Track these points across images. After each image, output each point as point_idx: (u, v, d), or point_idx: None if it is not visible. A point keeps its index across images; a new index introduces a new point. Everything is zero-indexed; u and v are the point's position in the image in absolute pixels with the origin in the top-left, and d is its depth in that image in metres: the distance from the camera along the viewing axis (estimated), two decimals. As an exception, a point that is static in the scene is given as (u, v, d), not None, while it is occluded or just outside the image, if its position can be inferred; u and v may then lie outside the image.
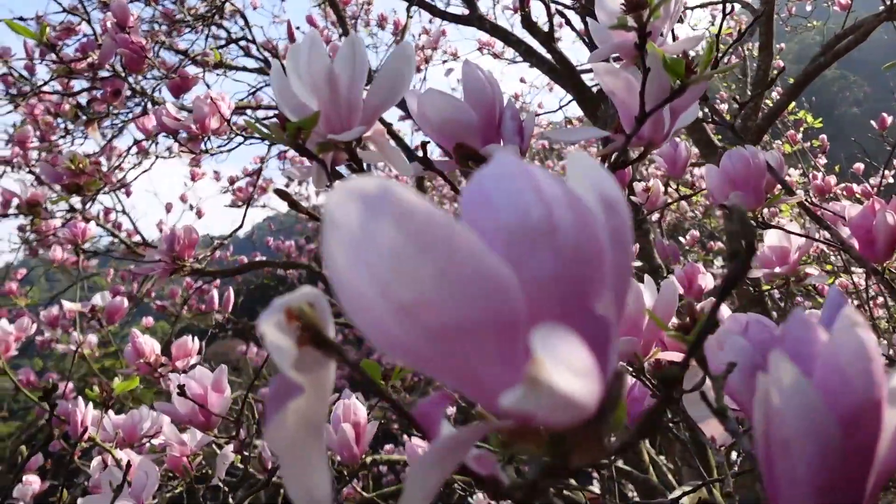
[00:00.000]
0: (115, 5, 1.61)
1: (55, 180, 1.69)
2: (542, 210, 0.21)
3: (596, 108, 3.27)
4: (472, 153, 0.64)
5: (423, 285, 0.19)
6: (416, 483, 0.23)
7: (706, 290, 1.53)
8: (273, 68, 0.46)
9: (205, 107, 1.45)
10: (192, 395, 0.96)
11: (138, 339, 1.69)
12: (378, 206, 0.19)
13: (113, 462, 1.31)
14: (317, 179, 0.50)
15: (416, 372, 2.04)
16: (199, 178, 4.76)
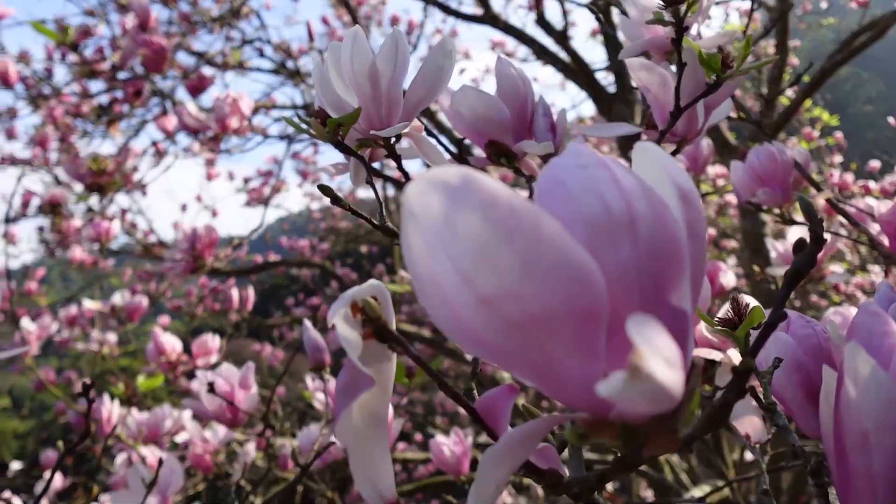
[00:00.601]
0: (136, 5, 1.62)
1: (78, 180, 1.70)
2: (621, 201, 0.21)
3: (610, 106, 3.25)
4: (504, 150, 0.64)
5: (507, 276, 0.19)
6: (488, 474, 0.23)
7: (728, 288, 1.52)
8: (314, 65, 0.46)
9: (226, 107, 1.46)
10: (220, 392, 0.96)
11: (160, 337, 1.71)
12: (461, 195, 0.19)
13: (138, 459, 1.32)
14: (355, 176, 0.51)
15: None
16: (215, 178, 4.78)
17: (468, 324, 0.21)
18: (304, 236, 8.03)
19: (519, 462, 0.24)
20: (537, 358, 0.21)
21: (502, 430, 0.26)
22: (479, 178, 0.19)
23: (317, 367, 0.87)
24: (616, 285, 0.20)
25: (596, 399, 0.22)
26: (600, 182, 0.21)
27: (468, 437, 1.07)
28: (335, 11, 5.57)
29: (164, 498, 1.21)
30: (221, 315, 6.07)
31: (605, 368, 0.21)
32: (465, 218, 0.19)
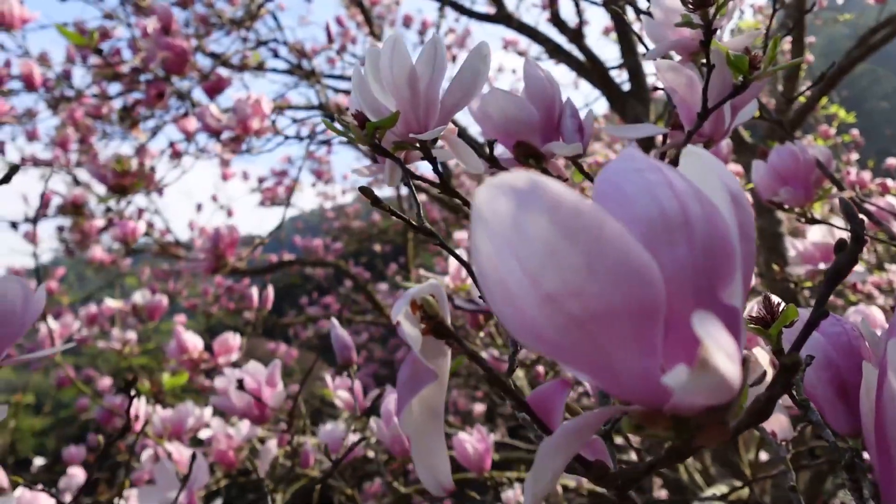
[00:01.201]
0: (159, 9, 1.65)
1: (101, 182, 1.73)
2: (676, 204, 0.22)
3: (624, 104, 3.25)
4: (532, 151, 0.65)
5: (572, 274, 0.20)
6: (546, 464, 0.24)
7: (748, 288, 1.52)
8: (354, 71, 0.47)
9: (247, 108, 1.48)
10: (248, 390, 0.98)
11: (183, 335, 1.73)
12: (529, 199, 0.20)
13: (164, 454, 1.35)
14: (390, 177, 0.52)
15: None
16: (230, 178, 4.83)
17: (531, 321, 0.22)
18: (317, 235, 8.08)
19: (574, 452, 0.25)
20: (596, 353, 0.22)
21: (555, 422, 0.27)
22: (545, 183, 0.21)
23: (345, 364, 0.89)
24: (672, 283, 0.22)
25: (652, 392, 0.23)
26: (655, 185, 0.22)
27: (492, 435, 1.09)
28: (348, 12, 5.59)
29: (191, 493, 1.23)
30: (236, 314, 6.14)
31: (662, 363, 0.22)
32: (533, 220, 0.20)
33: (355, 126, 0.48)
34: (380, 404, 1.65)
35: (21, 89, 2.41)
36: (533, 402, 0.28)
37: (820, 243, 1.30)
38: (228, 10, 2.87)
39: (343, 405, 1.42)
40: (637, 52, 3.22)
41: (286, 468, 1.74)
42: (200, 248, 1.63)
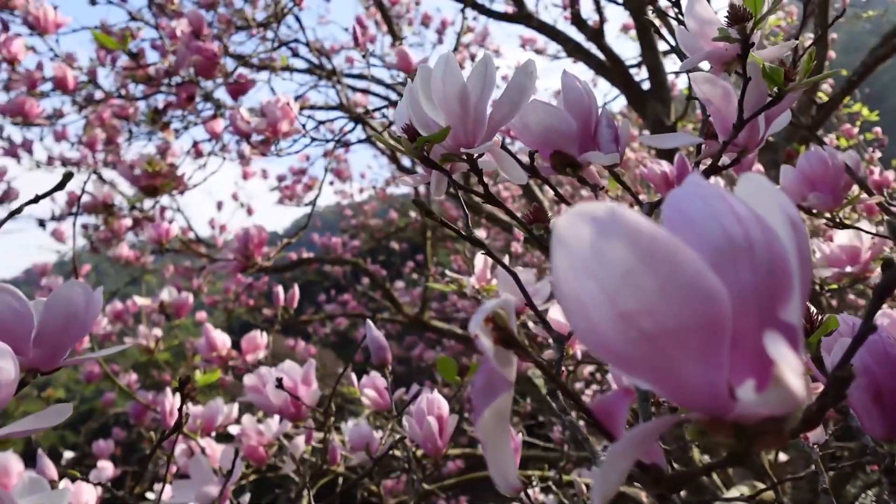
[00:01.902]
0: (190, 14, 1.68)
1: (132, 182, 1.77)
2: (739, 229, 0.24)
3: (645, 104, 3.25)
4: (569, 160, 0.67)
5: (648, 295, 0.22)
6: (614, 466, 0.26)
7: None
8: (407, 87, 0.49)
9: (277, 111, 1.51)
10: (286, 388, 1.01)
11: (211, 333, 1.77)
12: (608, 227, 0.22)
13: (198, 449, 1.38)
14: (437, 187, 0.54)
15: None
16: (251, 176, 4.88)
17: (605, 335, 0.24)
18: (334, 233, 8.13)
19: (639, 455, 0.27)
20: (664, 366, 0.24)
21: (619, 428, 0.29)
22: (623, 212, 0.23)
23: (381, 364, 0.91)
24: (738, 303, 0.23)
25: (717, 402, 0.25)
26: (720, 212, 0.24)
27: (518, 435, 1.10)
28: (367, 12, 5.63)
29: (226, 487, 1.26)
30: (255, 311, 6.20)
31: (728, 377, 0.24)
32: (613, 246, 0.22)
33: (405, 139, 0.50)
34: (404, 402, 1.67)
35: (51, 91, 2.46)
36: (597, 409, 0.30)
37: (847, 246, 1.30)
38: (252, 12, 2.91)
39: (370, 403, 1.45)
40: (657, 50, 3.21)
41: (312, 464, 1.78)
42: (229, 247, 1.66)
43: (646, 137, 0.65)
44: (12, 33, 1.94)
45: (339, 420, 2.38)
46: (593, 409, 0.30)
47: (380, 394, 1.41)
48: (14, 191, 3.80)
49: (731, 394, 0.24)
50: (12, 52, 1.90)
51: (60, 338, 0.60)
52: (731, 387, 0.24)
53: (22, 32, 2.18)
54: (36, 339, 0.59)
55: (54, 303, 0.59)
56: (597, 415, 0.30)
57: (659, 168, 1.37)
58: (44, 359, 0.60)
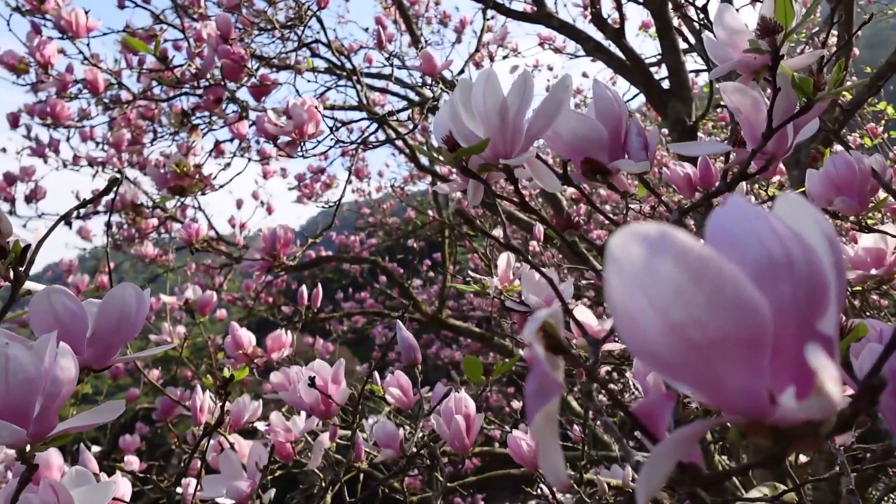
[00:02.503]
0: (219, 19, 1.72)
1: (161, 183, 1.81)
2: (780, 247, 0.26)
3: (666, 104, 3.24)
4: (600, 167, 0.69)
5: (696, 309, 0.24)
6: (658, 466, 0.28)
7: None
8: (448, 100, 0.51)
9: (303, 114, 1.54)
10: (318, 386, 1.04)
11: (238, 331, 1.81)
12: (659, 246, 0.24)
13: (227, 445, 1.42)
14: (474, 195, 0.56)
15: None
16: (271, 176, 4.94)
17: (654, 345, 0.26)
18: (352, 231, 8.18)
19: (681, 456, 0.29)
20: (709, 373, 0.26)
21: (661, 430, 0.31)
22: (672, 232, 0.25)
23: (410, 364, 0.94)
24: (778, 315, 0.25)
25: (758, 407, 0.27)
26: (762, 231, 0.26)
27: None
28: (385, 11, 5.65)
29: (253, 482, 1.30)
30: (275, 308, 6.25)
31: (769, 384, 0.26)
32: (664, 264, 0.24)
33: (445, 149, 0.52)
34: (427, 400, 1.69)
35: (79, 93, 2.52)
36: (640, 412, 0.32)
37: (872, 249, 1.30)
38: (274, 13, 2.95)
39: (394, 401, 1.47)
40: (679, 49, 3.21)
41: (337, 461, 1.81)
42: (256, 247, 1.69)
43: (676, 146, 0.66)
44: (45, 37, 1.99)
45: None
46: (636, 412, 0.32)
47: (404, 392, 1.44)
48: (41, 189, 3.89)
49: (771, 399, 0.26)
50: (46, 55, 1.95)
51: (113, 337, 0.63)
52: (771, 393, 0.26)
53: (52, 36, 2.24)
54: (90, 339, 0.62)
55: (108, 304, 0.62)
56: (639, 417, 0.32)
57: (682, 170, 1.38)
58: (97, 357, 0.63)
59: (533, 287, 1.24)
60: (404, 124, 3.78)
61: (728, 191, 0.74)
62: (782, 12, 0.57)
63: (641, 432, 0.32)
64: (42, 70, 2.02)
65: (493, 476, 2.45)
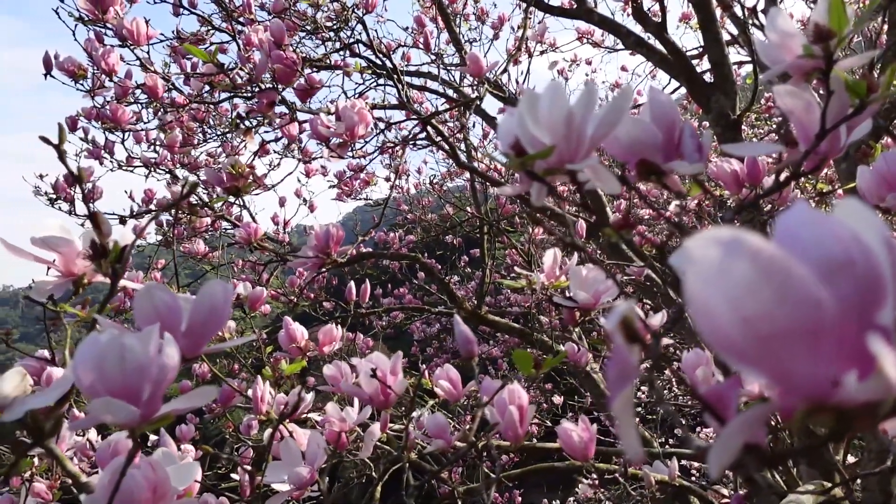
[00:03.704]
0: (273, 25, 1.79)
1: (217, 184, 1.89)
2: (841, 248, 0.29)
3: (709, 98, 3.21)
4: (654, 168, 0.72)
5: (766, 304, 0.28)
6: (725, 446, 0.32)
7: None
8: (516, 111, 0.55)
9: (354, 115, 1.59)
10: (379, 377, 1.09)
11: (291, 325, 1.88)
12: (733, 248, 0.28)
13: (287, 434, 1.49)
14: (538, 196, 0.60)
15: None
16: (313, 174, 5.04)
17: (728, 336, 0.30)
18: (390, 227, 8.27)
19: (748, 436, 0.33)
20: (777, 360, 0.30)
21: (730, 412, 0.35)
22: (745, 236, 0.28)
23: (468, 357, 0.98)
24: (840, 310, 0.29)
25: (821, 390, 0.30)
26: (824, 235, 0.30)
27: (593, 425, 1.16)
28: (422, 9, 5.70)
29: (312, 469, 1.36)
30: (317, 304, 6.37)
31: (832, 369, 0.29)
32: (738, 264, 0.28)
33: (513, 155, 0.56)
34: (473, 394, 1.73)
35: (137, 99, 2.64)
36: (709, 395, 0.35)
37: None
38: (320, 16, 3.02)
39: (443, 394, 1.52)
40: (722, 42, 3.17)
41: (388, 452, 1.87)
42: (308, 245, 1.76)
43: (729, 146, 0.69)
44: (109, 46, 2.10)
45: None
46: (705, 396, 0.36)
47: (454, 385, 1.48)
48: (98, 189, 4.06)
49: (834, 383, 0.29)
50: (110, 63, 2.06)
51: (204, 329, 0.69)
52: (834, 377, 0.29)
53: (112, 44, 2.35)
54: (185, 331, 0.68)
55: (201, 299, 0.68)
56: (708, 401, 0.36)
57: (729, 166, 1.39)
58: (189, 348, 0.69)
59: (581, 283, 1.27)
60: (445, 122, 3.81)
61: (779, 190, 0.77)
62: (836, 19, 0.59)
63: (710, 415, 0.36)
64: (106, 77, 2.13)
65: (539, 468, 2.48)
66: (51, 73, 2.45)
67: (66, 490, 2.02)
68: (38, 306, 0.92)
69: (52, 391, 0.65)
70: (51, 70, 2.43)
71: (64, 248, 0.89)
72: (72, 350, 0.92)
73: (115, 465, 0.67)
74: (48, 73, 2.45)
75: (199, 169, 4.34)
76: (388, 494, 2.07)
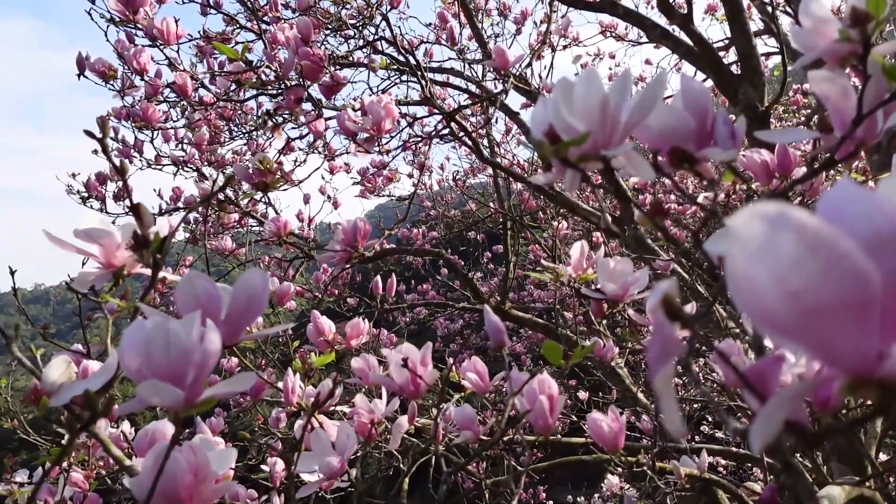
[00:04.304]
0: (300, 23, 1.81)
1: (246, 180, 1.92)
2: (888, 222, 0.29)
3: (735, 88, 3.17)
4: (687, 156, 0.72)
5: (812, 277, 0.28)
6: (771, 418, 0.33)
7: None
8: (550, 98, 0.56)
9: (381, 111, 1.61)
10: (410, 367, 1.11)
11: (319, 319, 1.90)
12: (779, 222, 0.28)
13: (317, 425, 1.51)
14: (570, 183, 0.61)
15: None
16: (337, 171, 5.08)
17: (772, 311, 0.30)
18: (413, 223, 8.30)
19: (790, 412, 0.33)
20: (822, 335, 0.30)
21: (771, 389, 0.35)
22: (791, 210, 0.28)
23: (498, 347, 0.99)
24: (886, 283, 0.29)
25: (866, 364, 0.30)
26: (869, 211, 0.30)
27: (622, 415, 1.16)
28: (445, 5, 5.69)
29: (342, 459, 1.38)
30: (341, 300, 6.42)
31: (877, 343, 0.29)
32: (783, 238, 0.28)
33: (547, 142, 0.57)
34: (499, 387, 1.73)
35: (166, 98, 2.68)
36: (750, 374, 0.36)
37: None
38: (344, 13, 3.05)
39: (471, 386, 1.53)
40: (750, 34, 3.12)
41: (415, 444, 1.88)
42: (336, 239, 1.78)
43: (762, 133, 0.68)
44: (140, 46, 2.14)
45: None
46: (747, 374, 0.36)
47: (481, 377, 1.49)
48: (129, 187, 4.14)
49: (879, 356, 0.30)
50: (142, 63, 2.10)
51: (243, 317, 0.71)
52: (879, 351, 0.29)
53: (141, 44, 2.40)
54: (225, 318, 0.70)
55: (240, 287, 0.69)
56: (750, 378, 0.36)
57: (759, 157, 1.38)
58: (229, 335, 0.71)
59: (609, 275, 1.27)
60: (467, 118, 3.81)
61: (813, 178, 0.76)
62: (873, 3, 0.58)
63: (751, 393, 0.36)
64: (137, 76, 2.17)
65: (566, 462, 2.48)
66: (84, 74, 2.50)
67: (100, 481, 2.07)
68: (69, 305, 0.94)
69: (97, 377, 0.67)
70: (84, 70, 2.49)
71: (105, 240, 0.91)
72: (114, 340, 0.94)
73: (159, 449, 0.69)
74: (81, 74, 2.50)
75: (226, 166, 4.41)
76: (413, 488, 2.09)
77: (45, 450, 2.37)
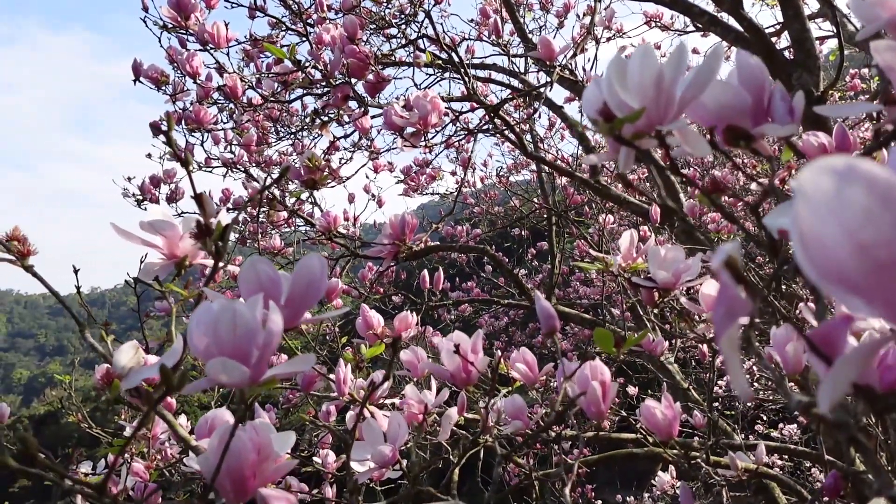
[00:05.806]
0: (346, 21, 1.85)
1: (295, 178, 1.97)
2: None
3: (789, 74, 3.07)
4: (743, 133, 0.70)
5: (884, 230, 0.28)
6: (842, 375, 0.32)
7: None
8: (603, 77, 0.56)
9: (427, 105, 1.62)
10: (462, 354, 1.12)
11: (367, 313, 1.94)
12: (849, 176, 0.28)
13: (369, 415, 1.54)
14: (625, 162, 0.60)
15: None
16: (381, 170, 5.14)
17: (842, 266, 0.30)
18: (457, 220, 8.32)
19: (859, 369, 0.33)
20: (892, 290, 0.30)
21: (839, 350, 0.35)
22: (859, 162, 0.28)
23: (550, 332, 0.99)
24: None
25: (941, 320, 0.30)
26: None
27: (676, 403, 1.14)
28: (485, 1, 5.68)
29: (394, 448, 1.40)
30: (386, 297, 6.48)
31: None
32: (854, 191, 0.28)
33: (601, 120, 0.57)
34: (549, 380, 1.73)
35: (217, 100, 2.77)
36: (816, 336, 0.35)
37: None
38: (388, 12, 3.08)
39: (520, 378, 1.53)
40: (804, 17, 3.02)
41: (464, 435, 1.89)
42: (385, 233, 1.80)
43: (822, 108, 0.67)
44: (192, 50, 2.22)
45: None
46: (812, 337, 0.36)
47: (530, 368, 1.49)
48: (181, 190, 4.28)
49: (955, 313, 0.29)
50: (194, 67, 2.18)
51: (303, 300, 0.73)
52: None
53: (192, 48, 2.48)
54: (285, 301, 0.72)
55: (300, 272, 0.72)
56: (816, 340, 0.36)
57: (816, 140, 1.34)
58: (290, 318, 0.74)
59: (661, 262, 1.26)
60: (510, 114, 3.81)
61: (878, 150, 0.74)
62: (941, -35, 0.56)
63: (817, 355, 0.36)
64: (190, 79, 2.25)
65: (616, 455, 2.46)
66: (139, 79, 2.60)
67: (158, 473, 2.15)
68: (123, 308, 0.99)
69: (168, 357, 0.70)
70: (139, 76, 2.59)
71: (168, 232, 0.95)
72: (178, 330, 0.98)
73: (225, 429, 0.72)
74: (137, 79, 2.60)
75: (273, 167, 4.51)
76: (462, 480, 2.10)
77: (105, 443, 2.47)
